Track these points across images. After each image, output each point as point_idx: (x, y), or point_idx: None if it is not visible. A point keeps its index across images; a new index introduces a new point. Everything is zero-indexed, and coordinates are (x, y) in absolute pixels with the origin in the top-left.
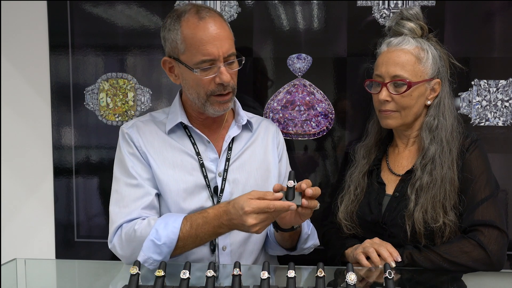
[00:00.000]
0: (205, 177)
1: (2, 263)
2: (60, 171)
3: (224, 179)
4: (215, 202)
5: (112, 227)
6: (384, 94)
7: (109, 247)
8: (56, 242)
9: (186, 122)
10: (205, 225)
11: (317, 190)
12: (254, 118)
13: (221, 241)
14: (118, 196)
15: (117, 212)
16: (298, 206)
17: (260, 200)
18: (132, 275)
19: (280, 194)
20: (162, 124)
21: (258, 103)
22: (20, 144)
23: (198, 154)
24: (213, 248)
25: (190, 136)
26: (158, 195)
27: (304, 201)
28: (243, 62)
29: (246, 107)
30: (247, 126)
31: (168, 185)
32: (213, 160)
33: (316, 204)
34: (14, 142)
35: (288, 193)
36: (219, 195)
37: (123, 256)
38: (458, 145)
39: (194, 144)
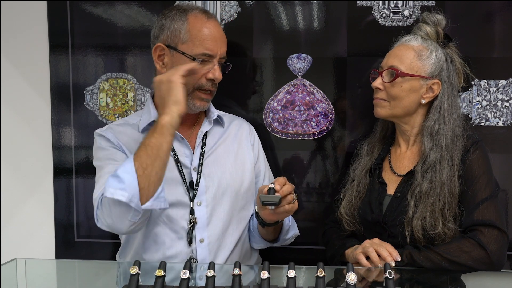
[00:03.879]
0: (181, 171)
1: (2, 263)
2: (60, 171)
3: (199, 173)
4: (191, 196)
5: (95, 204)
6: (377, 82)
7: (98, 225)
8: (56, 242)
9: None
10: (150, 131)
11: (288, 189)
12: (227, 116)
13: (199, 233)
14: (102, 180)
15: (98, 187)
16: (277, 206)
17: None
18: (132, 275)
19: None
20: (136, 125)
21: (258, 103)
22: (20, 144)
23: (172, 150)
24: (190, 240)
25: None
26: None
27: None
28: (229, 69)
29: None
30: (219, 122)
31: None
32: (187, 156)
33: (290, 199)
34: (14, 142)
35: (269, 193)
36: (195, 188)
37: (104, 223)
38: (459, 154)
39: None
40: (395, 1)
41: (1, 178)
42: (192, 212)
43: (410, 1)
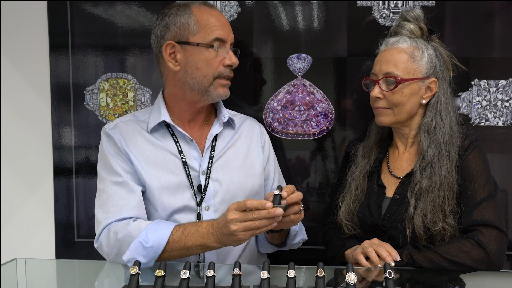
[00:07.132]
0: (188, 175)
1: (2, 263)
2: (60, 171)
3: (207, 177)
4: (198, 200)
5: (99, 227)
6: (376, 91)
7: (95, 246)
8: (56, 242)
9: (168, 120)
10: (195, 232)
11: (298, 197)
12: (238, 116)
13: None
14: (105, 196)
15: (106, 211)
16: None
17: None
18: (132, 275)
19: (270, 204)
20: (145, 123)
21: (258, 103)
22: (20, 144)
23: (180, 152)
24: None
25: (173, 135)
26: (143, 192)
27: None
28: (238, 54)
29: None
30: (230, 124)
31: (151, 185)
32: (196, 158)
33: (297, 209)
34: (14, 142)
35: (274, 200)
36: (203, 192)
37: (108, 253)
38: (457, 149)
39: (176, 142)
40: (395, 1)
41: (1, 178)
42: (198, 216)
43: (410, 1)
